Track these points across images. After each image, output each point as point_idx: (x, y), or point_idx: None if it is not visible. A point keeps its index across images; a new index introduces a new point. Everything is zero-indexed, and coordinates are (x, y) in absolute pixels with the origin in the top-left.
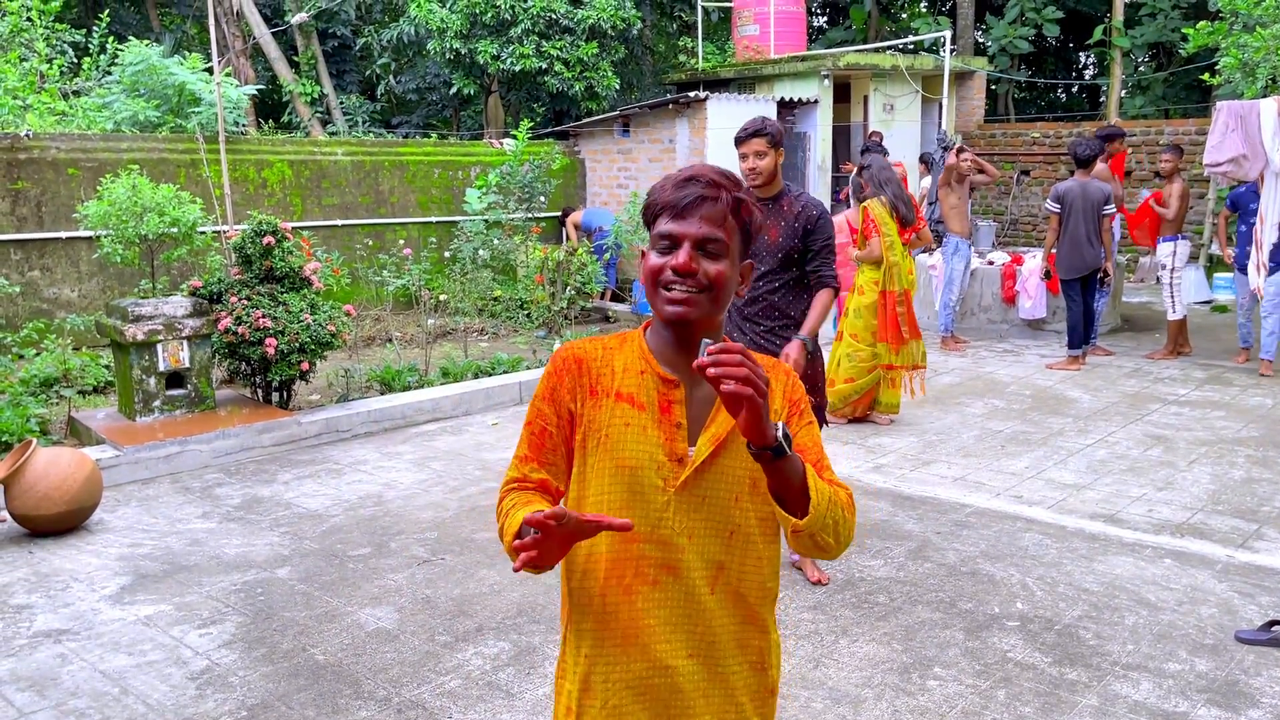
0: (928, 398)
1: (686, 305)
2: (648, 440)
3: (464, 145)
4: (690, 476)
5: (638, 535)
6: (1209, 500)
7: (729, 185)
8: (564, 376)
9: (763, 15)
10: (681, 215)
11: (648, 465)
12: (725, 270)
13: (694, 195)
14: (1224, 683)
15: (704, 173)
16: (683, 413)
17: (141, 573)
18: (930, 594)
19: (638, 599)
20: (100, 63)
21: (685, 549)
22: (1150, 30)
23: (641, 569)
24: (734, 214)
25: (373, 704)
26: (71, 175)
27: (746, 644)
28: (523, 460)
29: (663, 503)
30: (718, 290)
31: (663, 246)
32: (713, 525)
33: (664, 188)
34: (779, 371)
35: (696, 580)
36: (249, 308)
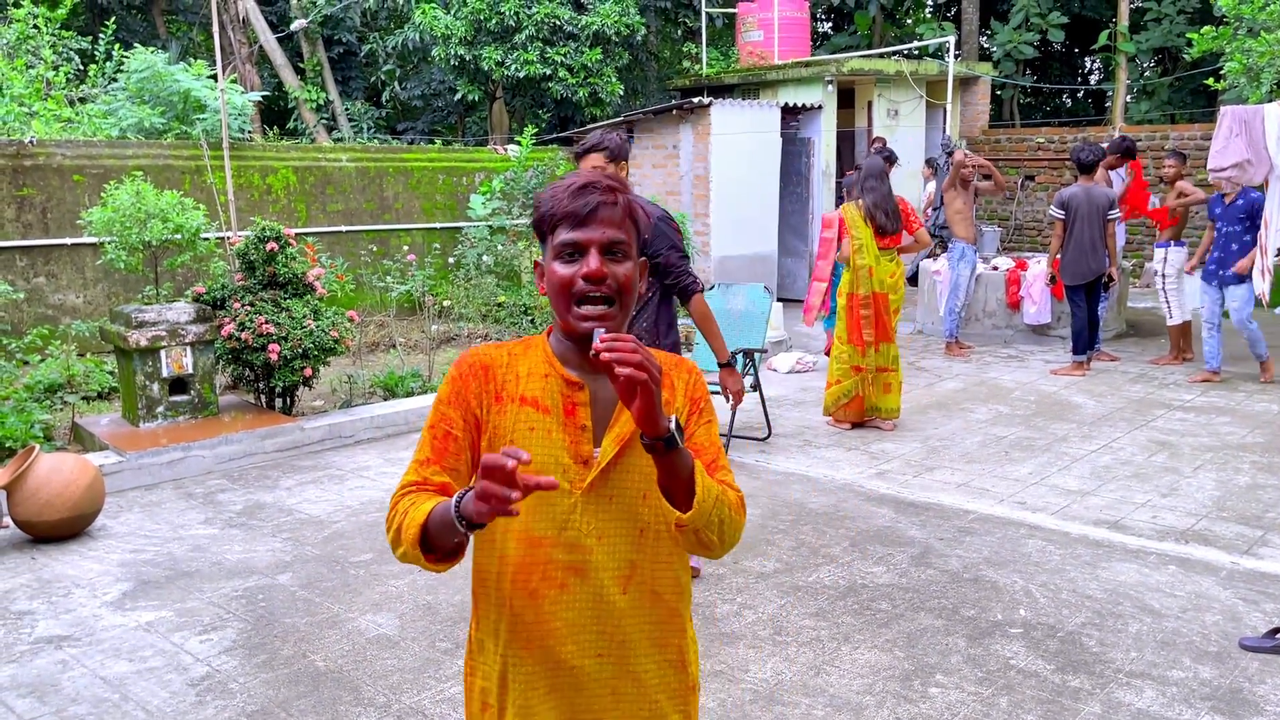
0: (931, 403)
1: (603, 319)
2: (552, 443)
3: (468, 151)
4: (596, 478)
5: (545, 539)
6: (1214, 506)
7: (620, 188)
8: (470, 381)
9: (767, 21)
10: (584, 222)
11: (553, 468)
12: (631, 272)
13: (594, 202)
14: (1228, 690)
15: (596, 179)
16: (588, 414)
17: (143, 579)
18: (933, 601)
19: (543, 603)
20: (106, 70)
21: (594, 550)
22: (1155, 35)
23: (549, 573)
24: (629, 216)
25: (373, 710)
26: (77, 182)
27: (665, 643)
28: (423, 464)
29: (569, 505)
30: (627, 294)
31: (567, 255)
32: (622, 525)
33: (558, 197)
34: (681, 370)
35: (606, 581)
36: (252, 314)
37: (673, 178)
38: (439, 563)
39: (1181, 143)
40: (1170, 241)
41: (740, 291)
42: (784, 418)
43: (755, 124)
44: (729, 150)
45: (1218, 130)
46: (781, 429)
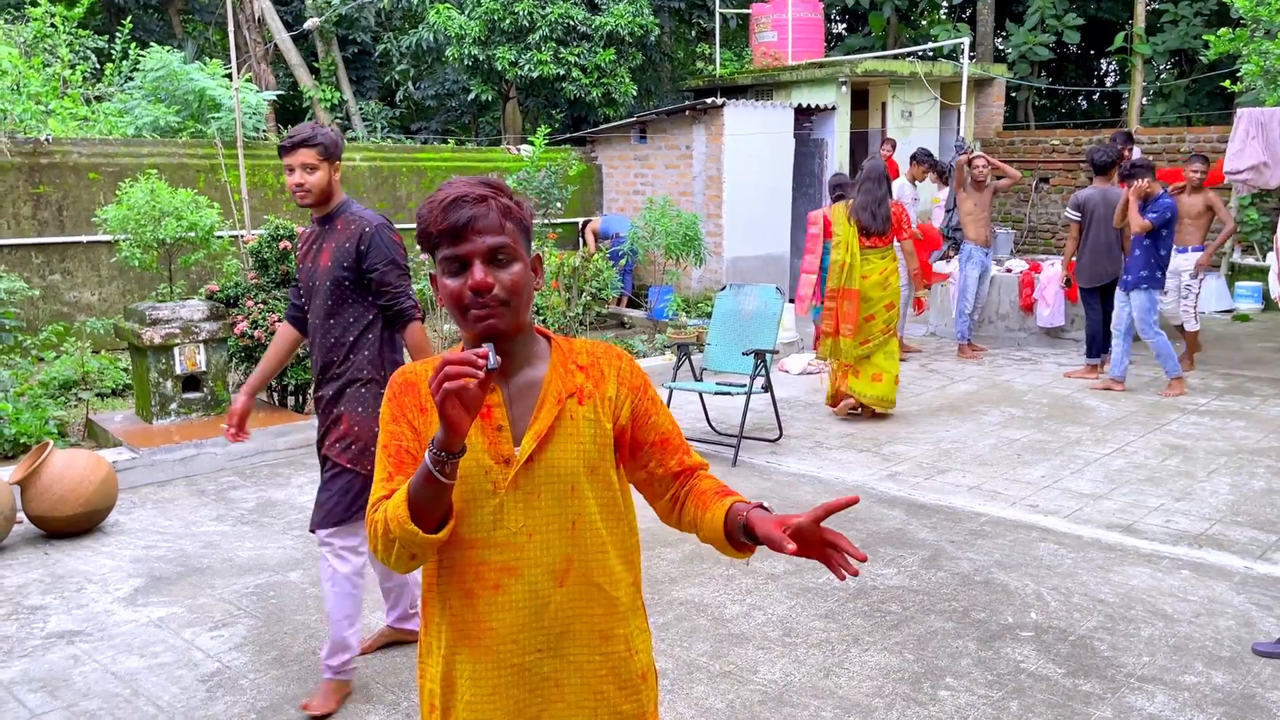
0: (943, 405)
1: (493, 318)
2: (472, 447)
3: (481, 151)
4: (520, 474)
5: (476, 540)
6: (1228, 511)
7: (493, 192)
8: (403, 397)
9: (781, 22)
10: (461, 237)
11: (475, 471)
12: (520, 273)
13: (465, 216)
14: (1240, 696)
15: (467, 190)
16: (504, 415)
17: (155, 575)
18: (943, 603)
19: (479, 603)
20: (122, 68)
21: (526, 547)
22: (1172, 37)
23: (481, 574)
24: (507, 217)
25: (382, 708)
26: (92, 180)
27: (609, 632)
28: (387, 479)
29: (495, 505)
30: (518, 295)
31: (453, 269)
32: (553, 520)
33: (432, 215)
34: (611, 357)
35: (540, 578)
36: (265, 311)
37: (685, 178)
38: (433, 533)
39: (1198, 145)
40: (1192, 247)
41: (752, 292)
42: (795, 419)
43: (768, 125)
44: (742, 151)
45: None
46: (792, 430)
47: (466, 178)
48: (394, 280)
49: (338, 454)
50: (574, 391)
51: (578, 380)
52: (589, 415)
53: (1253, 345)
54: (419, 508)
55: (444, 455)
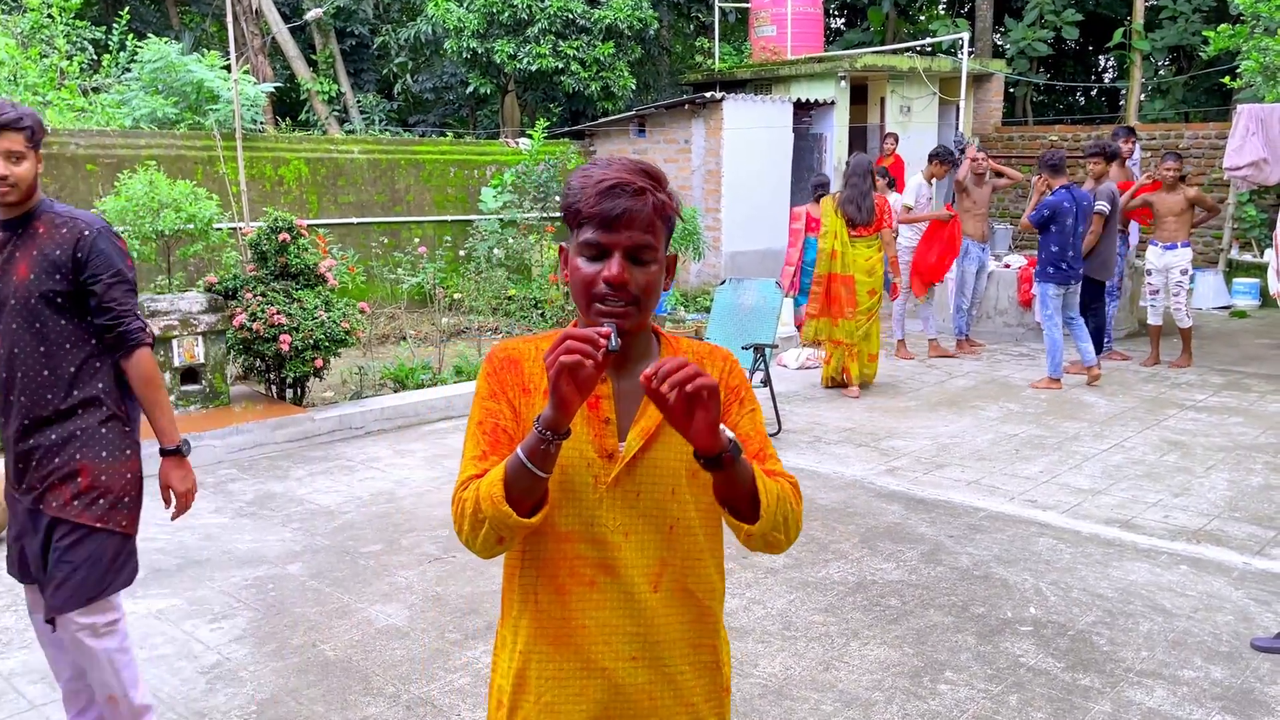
0: (942, 401)
1: (621, 319)
2: (576, 437)
3: (480, 144)
4: (622, 472)
5: (572, 533)
6: (1226, 507)
7: (652, 186)
8: (504, 374)
9: (780, 16)
10: (610, 226)
11: (578, 463)
12: (655, 275)
13: (620, 208)
14: (1239, 691)
15: (626, 178)
16: (611, 408)
17: (154, 567)
18: (942, 598)
19: (571, 599)
20: (120, 60)
21: (622, 547)
22: (1171, 33)
23: (576, 569)
24: (659, 214)
25: (382, 700)
26: (90, 171)
27: (699, 643)
28: (480, 458)
29: (595, 500)
30: (648, 297)
31: (591, 254)
32: (650, 521)
33: (585, 194)
34: (716, 358)
35: (636, 579)
36: (264, 304)
37: (684, 172)
38: (528, 516)
39: (1196, 141)
40: (1180, 243)
41: (751, 286)
42: (794, 413)
43: (767, 119)
44: (741, 145)
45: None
46: (791, 425)
47: (625, 160)
48: (119, 296)
49: (78, 513)
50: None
51: None
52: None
53: (1250, 342)
54: (515, 490)
55: (549, 435)
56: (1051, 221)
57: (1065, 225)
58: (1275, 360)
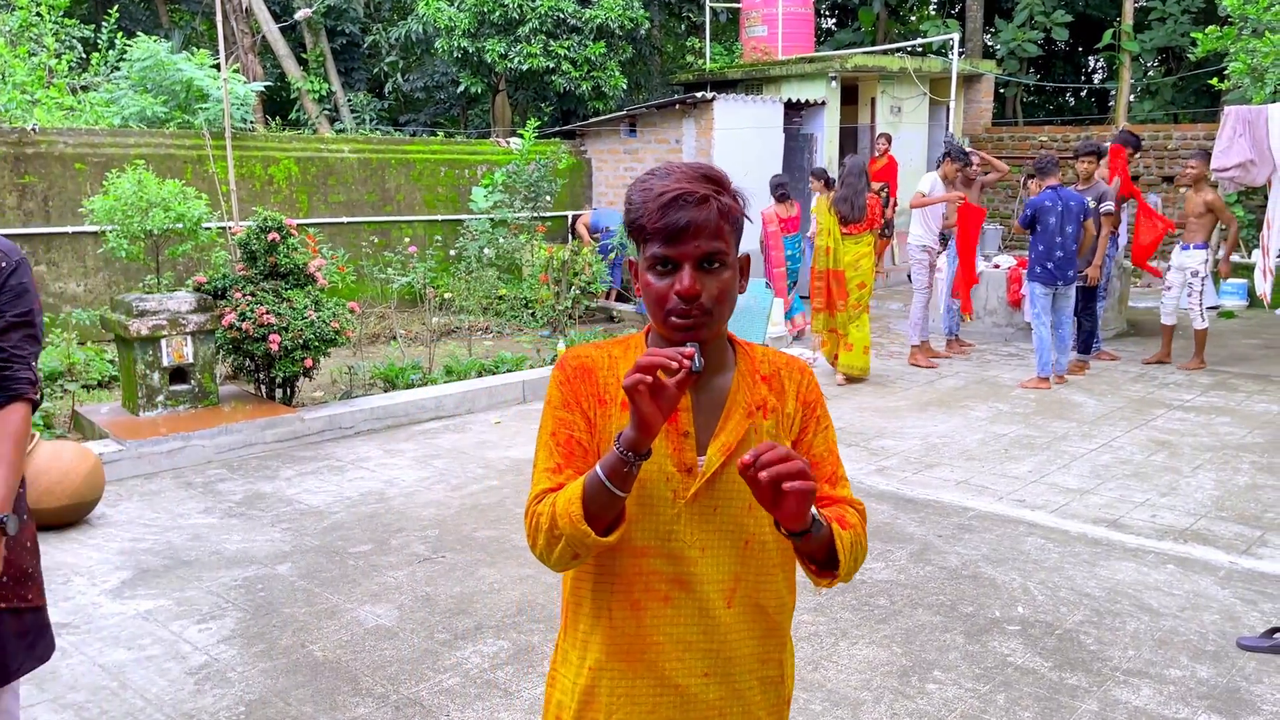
0: (931, 400)
1: (696, 330)
2: (655, 451)
3: (471, 144)
4: (701, 487)
5: (648, 549)
6: (1213, 506)
7: (714, 190)
8: (577, 383)
9: (771, 16)
10: (677, 239)
11: (656, 477)
12: (729, 281)
13: (685, 220)
14: (1225, 690)
15: (688, 188)
16: (689, 420)
17: (142, 567)
18: (931, 597)
19: (646, 615)
20: (109, 58)
21: (698, 562)
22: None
23: (651, 584)
24: (726, 219)
25: (370, 701)
26: (78, 170)
27: (767, 658)
28: (554, 470)
29: (672, 515)
30: (724, 304)
31: (660, 269)
32: (726, 536)
33: (648, 209)
34: (794, 370)
35: (711, 594)
36: (253, 304)
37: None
38: (604, 534)
39: (1184, 142)
40: (1194, 244)
41: None
42: None
43: (758, 119)
44: (732, 145)
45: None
46: None
47: (685, 167)
48: (17, 339)
49: None
50: (760, 404)
51: (762, 392)
52: (771, 431)
53: (1238, 342)
54: (593, 508)
55: (631, 456)
56: (1036, 221)
57: (1049, 225)
58: (1262, 360)
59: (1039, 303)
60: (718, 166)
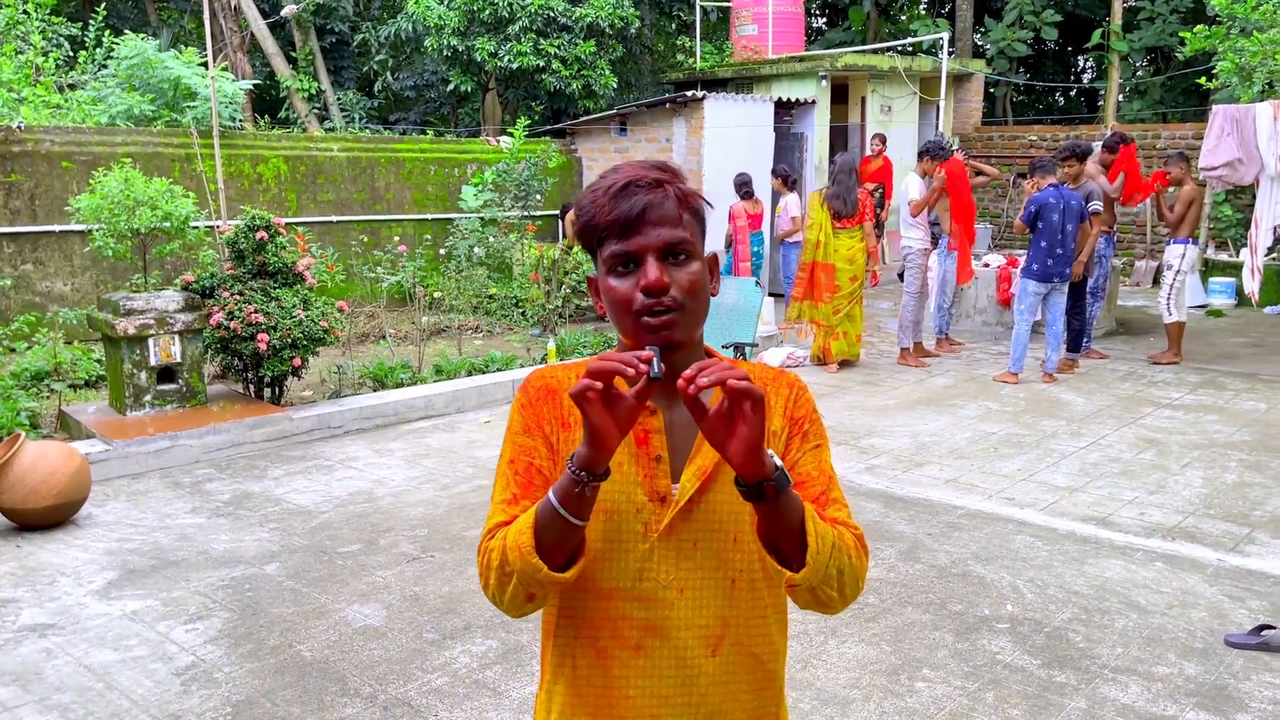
0: (921, 399)
1: (670, 328)
2: (624, 479)
3: (461, 143)
4: (675, 518)
5: (616, 591)
6: (1201, 504)
7: (668, 177)
8: (540, 406)
9: (761, 15)
10: (634, 229)
11: (625, 508)
12: (699, 274)
13: (639, 204)
14: (1213, 687)
15: (639, 174)
16: (662, 443)
17: (129, 568)
18: (920, 595)
19: (614, 665)
20: (96, 56)
21: (675, 604)
22: (1148, 34)
23: (620, 631)
24: (685, 206)
25: (359, 701)
26: (65, 168)
27: (761, 713)
28: (509, 502)
29: (644, 551)
30: (695, 299)
31: (621, 268)
32: (709, 574)
33: (599, 203)
34: (781, 384)
35: (692, 642)
36: (241, 303)
37: None
38: (560, 571)
39: (1173, 141)
40: (1189, 239)
41: (731, 285)
42: None
43: (748, 118)
44: (722, 144)
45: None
46: None
47: (635, 162)
48: None
49: None
50: None
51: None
52: None
53: (1226, 340)
54: (546, 539)
55: (584, 476)
56: (1039, 218)
57: (1052, 222)
58: (1250, 359)
59: (1026, 300)
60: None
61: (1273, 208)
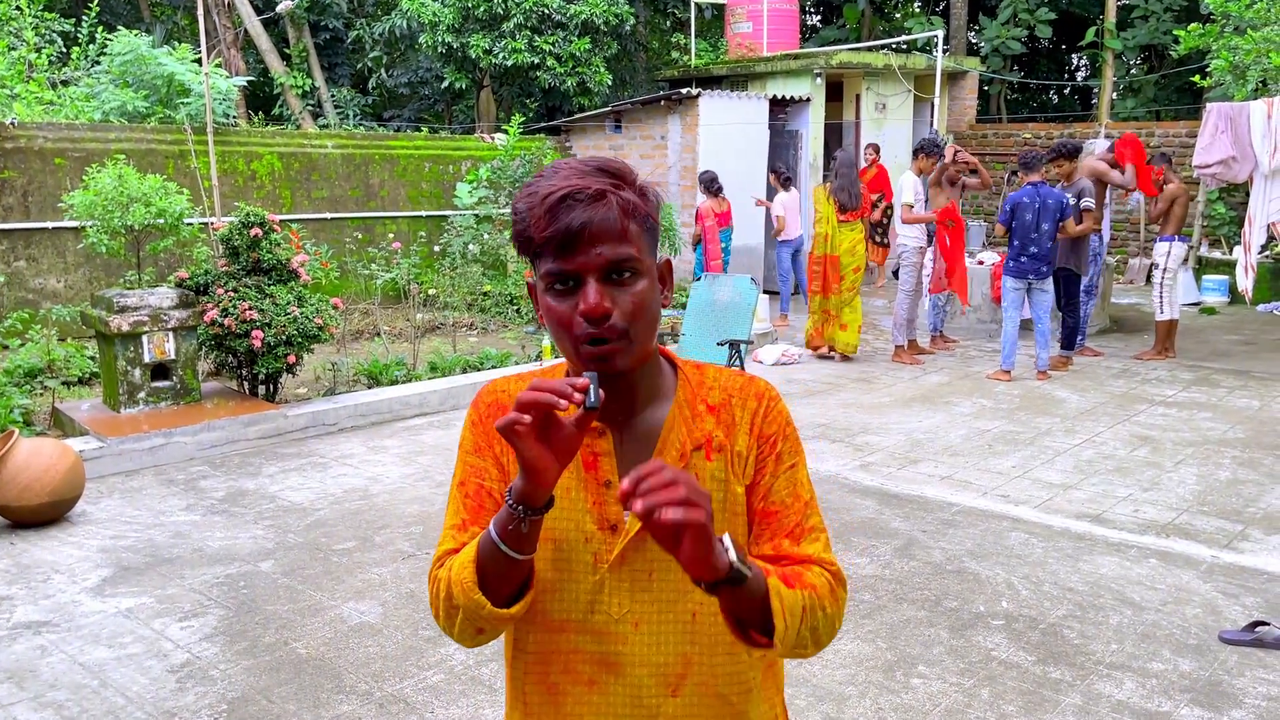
0: (915, 396)
1: (612, 357)
2: (572, 505)
3: (455, 139)
4: (628, 547)
5: (568, 624)
6: (1194, 501)
7: (612, 184)
8: (490, 423)
9: (756, 13)
10: (571, 248)
11: (573, 537)
12: (645, 293)
13: (578, 221)
14: (1207, 683)
15: (579, 184)
16: (612, 467)
17: (123, 565)
18: (916, 592)
19: (566, 701)
20: (89, 52)
21: (629, 639)
22: (1142, 32)
23: (572, 665)
24: (631, 217)
25: (354, 698)
26: (58, 165)
27: None
28: (460, 528)
29: (594, 583)
30: (641, 321)
31: (559, 288)
32: (666, 608)
33: (534, 217)
34: (746, 396)
35: (648, 681)
36: (236, 300)
37: (660, 168)
38: (506, 605)
39: (1167, 140)
40: (1174, 236)
41: (726, 282)
42: None
43: (743, 116)
44: (717, 141)
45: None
46: None
47: (575, 163)
48: None
49: None
50: (701, 442)
51: (706, 426)
52: (718, 474)
53: (1219, 338)
54: (489, 574)
55: (521, 510)
56: (1013, 217)
57: (1025, 220)
58: (1244, 356)
59: (1009, 297)
60: (619, 160)
61: (1266, 205)
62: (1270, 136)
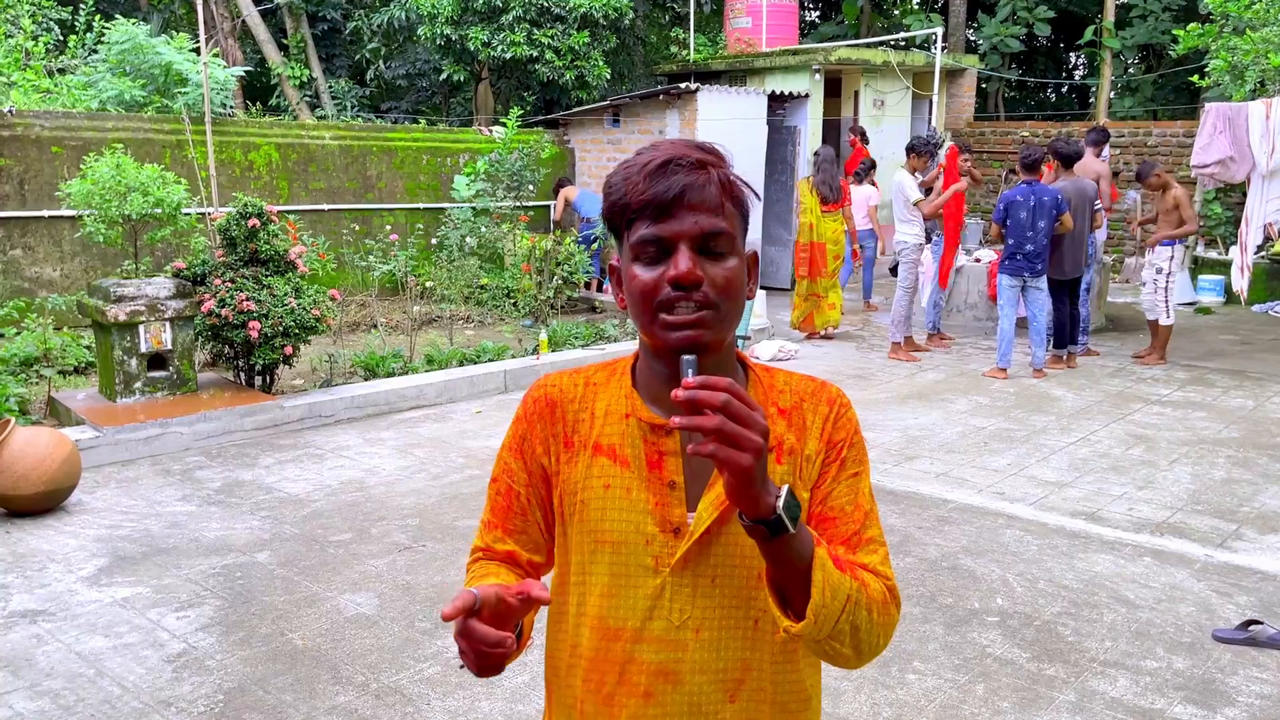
0: (911, 394)
1: (699, 327)
2: (633, 506)
3: (453, 132)
4: (690, 551)
5: (624, 631)
6: (1189, 500)
7: (713, 159)
8: (534, 423)
9: (755, 8)
10: (668, 212)
11: (634, 539)
12: (735, 271)
13: (678, 185)
14: (1201, 681)
15: (681, 152)
16: (678, 467)
17: (119, 554)
18: (911, 588)
19: (622, 713)
20: (86, 41)
21: (691, 646)
22: (1140, 32)
23: (628, 675)
24: (728, 195)
25: (351, 689)
26: (55, 153)
27: None
28: (487, 526)
29: (655, 587)
30: (731, 298)
31: (649, 255)
32: (729, 614)
33: (632, 180)
34: (819, 400)
35: (708, 688)
36: (233, 290)
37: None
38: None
39: (1164, 139)
40: (1175, 240)
41: None
42: None
43: (742, 111)
44: (715, 137)
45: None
46: None
47: (675, 140)
48: None
49: None
50: (772, 445)
51: (778, 429)
52: (786, 479)
53: (1214, 337)
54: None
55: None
56: (1008, 215)
57: (1020, 219)
58: (1239, 356)
59: (1005, 294)
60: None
61: (1263, 206)
62: (1268, 137)
